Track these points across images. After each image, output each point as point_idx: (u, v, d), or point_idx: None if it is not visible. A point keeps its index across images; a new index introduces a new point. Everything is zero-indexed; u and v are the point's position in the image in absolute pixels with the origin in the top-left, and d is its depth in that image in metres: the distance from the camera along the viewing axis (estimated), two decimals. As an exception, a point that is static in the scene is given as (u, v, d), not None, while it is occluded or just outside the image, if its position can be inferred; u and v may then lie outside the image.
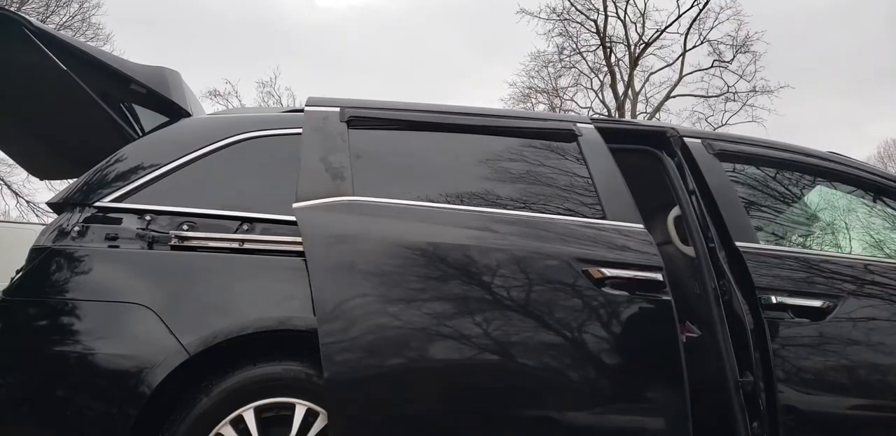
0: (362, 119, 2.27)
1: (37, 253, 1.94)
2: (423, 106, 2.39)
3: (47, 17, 16.63)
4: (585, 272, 1.96)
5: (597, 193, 2.18)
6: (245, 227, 2.01)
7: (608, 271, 1.97)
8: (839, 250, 2.59)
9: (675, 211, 2.58)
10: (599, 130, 2.39)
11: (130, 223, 1.99)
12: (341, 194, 2.04)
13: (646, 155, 2.54)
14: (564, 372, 1.87)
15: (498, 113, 2.40)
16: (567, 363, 1.88)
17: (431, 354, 1.84)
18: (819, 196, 2.70)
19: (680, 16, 18.60)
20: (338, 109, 2.29)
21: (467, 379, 1.85)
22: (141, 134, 2.37)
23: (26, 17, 2.16)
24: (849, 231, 2.63)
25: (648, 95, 19.98)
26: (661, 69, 19.65)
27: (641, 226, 2.11)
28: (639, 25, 19.16)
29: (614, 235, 2.08)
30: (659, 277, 2.00)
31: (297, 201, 2.00)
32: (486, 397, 1.85)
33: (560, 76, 20.34)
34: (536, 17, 19.27)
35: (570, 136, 2.33)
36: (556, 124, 2.37)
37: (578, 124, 2.38)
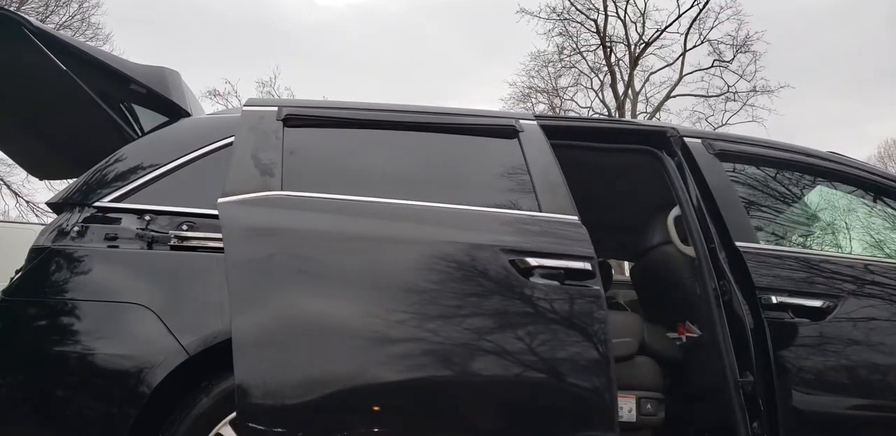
0: (299, 117, 2.27)
1: (36, 253, 1.94)
2: (364, 105, 2.40)
3: (47, 17, 16.63)
4: (512, 262, 1.94)
5: (533, 187, 2.18)
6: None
7: (535, 261, 1.95)
8: (839, 250, 2.59)
9: (675, 211, 2.58)
10: (543, 126, 2.38)
11: (130, 223, 1.99)
12: (268, 190, 2.02)
13: (646, 155, 2.54)
14: (490, 363, 1.84)
15: (439, 111, 2.40)
16: (492, 354, 1.85)
17: (349, 347, 1.80)
18: (819, 196, 2.70)
19: (680, 15, 18.61)
20: (275, 109, 2.28)
21: (389, 374, 1.81)
22: (140, 134, 2.37)
23: (26, 16, 2.16)
24: (849, 231, 2.63)
25: (648, 95, 19.99)
26: (661, 69, 19.66)
27: (576, 217, 2.11)
28: (639, 25, 19.17)
29: (546, 227, 2.08)
30: (588, 266, 1.98)
31: (222, 197, 1.97)
32: (408, 391, 1.81)
33: (560, 76, 20.35)
34: (536, 16, 19.26)
35: (511, 132, 2.33)
36: (497, 121, 2.38)
37: (521, 121, 2.38)
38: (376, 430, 1.77)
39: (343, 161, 2.23)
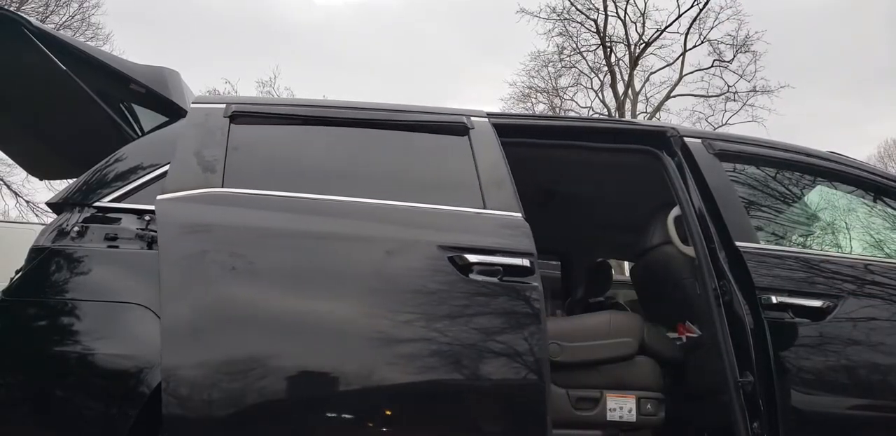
0: (247, 114, 2.25)
1: (36, 253, 1.93)
2: (314, 102, 2.39)
3: (47, 17, 16.63)
4: (451, 259, 1.94)
5: (480, 184, 2.17)
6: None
7: (473, 258, 1.95)
8: (839, 250, 2.59)
9: (675, 211, 2.58)
10: (494, 124, 2.37)
11: (130, 223, 1.98)
12: (209, 186, 2.02)
13: (646, 155, 2.54)
14: (423, 359, 1.84)
15: (390, 108, 2.40)
16: (426, 350, 1.85)
17: (282, 343, 1.80)
18: (819, 196, 2.70)
19: (680, 15, 18.62)
20: (223, 106, 2.26)
21: (323, 371, 1.81)
22: (140, 134, 2.37)
23: (26, 16, 2.16)
24: (849, 231, 2.63)
25: (648, 95, 19.99)
26: (661, 69, 19.66)
27: (519, 215, 2.10)
28: (639, 25, 19.18)
29: (488, 224, 2.08)
30: (527, 262, 1.98)
31: (161, 194, 1.97)
32: (343, 389, 1.81)
33: (560, 76, 20.36)
34: (536, 16, 19.26)
35: (461, 129, 2.32)
36: (447, 118, 2.37)
37: (472, 118, 2.37)
38: (299, 421, 1.78)
39: (289, 158, 2.22)
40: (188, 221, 1.92)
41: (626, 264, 7.54)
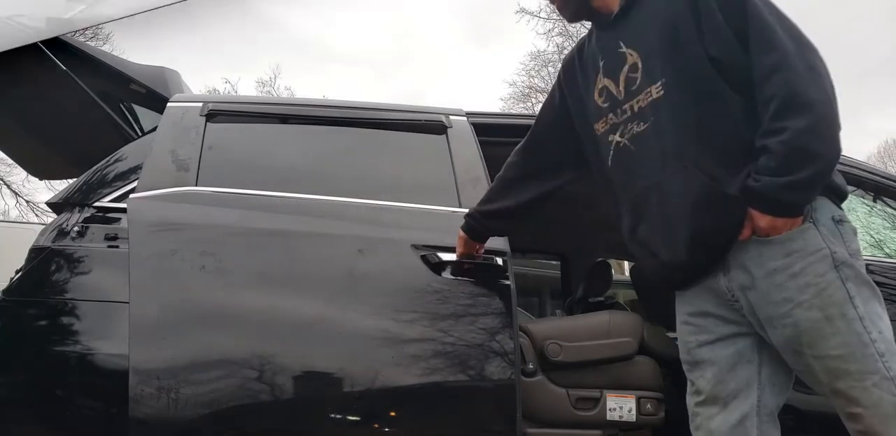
0: (223, 113, 2.25)
1: (36, 253, 1.93)
2: (291, 100, 2.42)
3: (47, 17, 16.59)
4: (423, 258, 1.95)
5: (456, 182, 2.18)
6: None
7: (446, 256, 1.96)
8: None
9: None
10: (473, 123, 2.37)
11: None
12: (182, 185, 2.02)
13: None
14: (398, 358, 1.84)
15: (368, 106, 2.41)
16: (397, 349, 1.85)
17: (252, 342, 1.80)
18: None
19: (680, 15, 18.57)
20: (200, 104, 2.26)
21: (294, 369, 1.81)
22: (141, 134, 2.37)
23: (26, 16, 2.16)
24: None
25: (648, 95, 19.95)
26: (661, 69, 19.61)
27: None
28: (639, 25, 19.14)
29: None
30: (499, 261, 2.00)
31: (134, 193, 1.97)
32: (308, 385, 1.82)
33: (560, 76, 20.32)
34: (536, 16, 19.23)
35: (439, 128, 2.32)
36: (425, 117, 2.36)
37: (450, 117, 2.37)
38: (271, 420, 1.78)
39: (264, 157, 2.22)
40: (159, 220, 1.92)
41: (626, 264, 7.54)
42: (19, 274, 1.93)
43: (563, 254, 4.07)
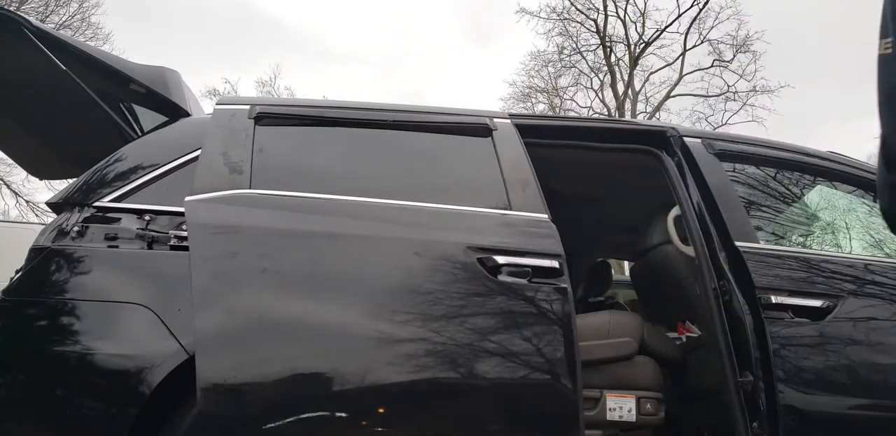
0: (271, 115, 2.26)
1: (36, 253, 1.94)
2: (337, 103, 2.40)
3: (47, 17, 16.62)
4: (479, 260, 1.94)
5: (505, 185, 2.17)
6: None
7: (502, 259, 1.95)
8: (839, 250, 2.59)
9: (675, 211, 2.58)
10: (517, 125, 2.38)
11: (130, 223, 1.98)
12: (237, 187, 2.02)
13: (646, 155, 2.54)
14: (455, 362, 1.83)
15: (413, 109, 2.40)
16: (457, 352, 1.84)
17: (314, 346, 1.79)
18: (819, 196, 2.70)
19: (680, 15, 18.59)
20: (247, 107, 2.27)
21: (356, 374, 1.80)
22: (140, 134, 2.37)
23: (26, 16, 2.16)
24: (849, 231, 2.63)
25: (648, 95, 19.97)
26: (661, 69, 19.63)
27: (545, 216, 2.10)
28: (639, 25, 19.15)
29: (515, 225, 2.08)
30: (556, 264, 1.98)
31: (190, 195, 1.97)
32: (373, 391, 1.80)
33: (560, 76, 20.33)
34: (536, 16, 19.25)
35: (484, 130, 2.33)
36: (470, 119, 2.37)
37: (495, 119, 2.38)
38: (337, 429, 1.78)
39: (314, 159, 2.22)
40: (219, 223, 1.92)
41: (626, 264, 7.54)
42: (19, 274, 1.93)
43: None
